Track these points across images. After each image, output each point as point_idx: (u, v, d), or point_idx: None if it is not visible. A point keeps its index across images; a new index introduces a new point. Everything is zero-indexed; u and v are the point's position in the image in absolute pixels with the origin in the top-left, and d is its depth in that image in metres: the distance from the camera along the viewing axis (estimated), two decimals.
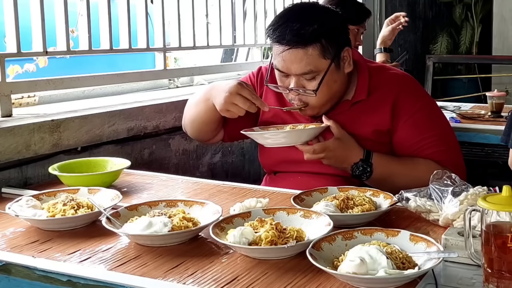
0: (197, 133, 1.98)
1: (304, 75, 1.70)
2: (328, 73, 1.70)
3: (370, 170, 1.71)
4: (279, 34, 1.70)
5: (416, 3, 5.64)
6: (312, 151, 1.69)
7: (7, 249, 1.27)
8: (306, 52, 1.68)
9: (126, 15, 2.38)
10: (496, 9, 5.64)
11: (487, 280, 1.01)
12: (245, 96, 1.71)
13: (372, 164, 1.71)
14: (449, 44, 5.96)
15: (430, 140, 1.76)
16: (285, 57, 1.70)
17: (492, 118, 2.80)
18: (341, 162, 1.72)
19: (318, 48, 1.68)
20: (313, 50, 1.68)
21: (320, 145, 1.69)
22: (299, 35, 1.67)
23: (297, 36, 1.67)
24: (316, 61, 1.69)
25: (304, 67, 1.69)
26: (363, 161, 1.71)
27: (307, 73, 1.70)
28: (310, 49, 1.68)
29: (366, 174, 1.71)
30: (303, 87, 1.72)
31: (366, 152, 1.72)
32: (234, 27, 3.20)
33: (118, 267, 1.17)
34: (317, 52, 1.68)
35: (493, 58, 5.47)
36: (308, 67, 1.69)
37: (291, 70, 1.71)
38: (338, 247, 1.16)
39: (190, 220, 1.31)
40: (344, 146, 1.70)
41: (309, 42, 1.67)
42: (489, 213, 1.00)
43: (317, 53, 1.68)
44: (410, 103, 1.79)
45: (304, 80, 1.71)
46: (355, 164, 1.71)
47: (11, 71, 2.26)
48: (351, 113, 1.80)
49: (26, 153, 1.80)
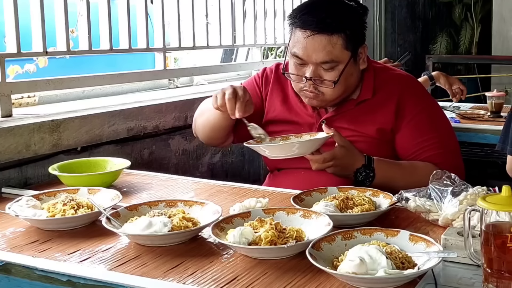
0: (208, 139, 1.99)
1: (324, 64, 1.71)
2: (348, 65, 1.72)
3: (373, 175, 1.71)
4: (305, 20, 1.71)
5: (416, 3, 5.64)
6: (322, 160, 1.66)
7: (7, 249, 1.27)
8: (330, 40, 1.69)
9: (126, 15, 2.38)
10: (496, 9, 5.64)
11: (487, 280, 1.01)
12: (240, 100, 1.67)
13: (374, 169, 1.71)
14: (448, 44, 5.96)
15: (430, 143, 1.78)
16: (308, 44, 1.71)
17: (491, 118, 2.81)
18: (346, 169, 1.71)
19: (342, 38, 1.70)
20: (337, 39, 1.70)
21: (329, 154, 1.66)
22: (325, 22, 1.69)
23: (323, 23, 1.69)
24: (338, 51, 1.70)
25: (325, 56, 1.70)
26: (365, 167, 1.71)
27: (327, 62, 1.71)
28: (334, 38, 1.70)
29: (369, 179, 1.71)
30: (320, 76, 1.72)
31: (368, 158, 1.72)
32: (234, 27, 3.20)
33: (118, 267, 1.17)
34: (341, 42, 1.70)
35: (493, 58, 5.47)
36: (329, 56, 1.70)
37: (312, 58, 1.71)
38: (338, 247, 1.16)
39: (190, 220, 1.32)
40: (349, 153, 1.70)
41: (335, 30, 1.69)
42: (488, 213, 1.00)
43: (341, 43, 1.70)
44: (413, 104, 1.80)
45: (322, 70, 1.72)
46: (358, 170, 1.71)
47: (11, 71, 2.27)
48: (356, 112, 1.81)
49: (26, 153, 1.80)
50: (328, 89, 1.73)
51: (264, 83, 1.96)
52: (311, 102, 1.79)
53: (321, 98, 1.76)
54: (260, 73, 1.99)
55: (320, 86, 1.74)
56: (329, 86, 1.72)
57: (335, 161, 1.67)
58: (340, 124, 1.81)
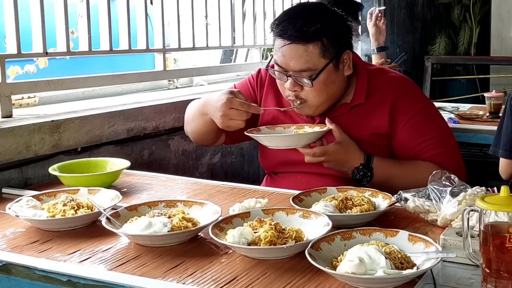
0: (199, 141, 2.03)
1: (302, 72, 1.71)
2: (325, 72, 1.71)
3: (370, 174, 1.71)
4: (282, 29, 1.71)
5: (415, 4, 5.65)
6: (312, 154, 1.70)
7: (8, 249, 1.28)
8: (307, 49, 1.69)
9: (125, 16, 2.39)
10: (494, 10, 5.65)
11: (485, 280, 1.01)
12: (238, 108, 1.71)
13: (372, 169, 1.71)
14: (447, 45, 5.97)
15: (430, 142, 1.77)
16: (285, 52, 1.71)
17: (490, 118, 2.81)
18: (342, 165, 1.73)
19: (318, 47, 1.69)
20: (313, 48, 1.69)
21: (320, 149, 1.70)
22: (301, 31, 1.68)
23: (299, 32, 1.69)
24: (315, 59, 1.70)
25: (302, 64, 1.70)
26: (363, 166, 1.71)
27: (305, 71, 1.70)
28: (310, 47, 1.69)
29: (366, 178, 1.72)
30: (300, 85, 1.72)
31: (367, 156, 1.72)
32: (233, 28, 3.21)
33: (118, 267, 1.17)
34: (317, 50, 1.69)
35: (491, 59, 5.48)
36: (306, 64, 1.70)
37: (290, 66, 1.71)
38: (337, 247, 1.16)
39: (190, 220, 1.32)
40: (344, 150, 1.71)
41: (310, 39, 1.68)
42: (487, 213, 1.00)
43: (317, 52, 1.69)
44: (409, 106, 1.79)
45: (301, 77, 1.72)
46: (356, 169, 1.72)
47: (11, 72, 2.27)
48: (350, 116, 1.80)
49: (27, 153, 1.81)
50: (309, 96, 1.73)
51: (259, 85, 1.95)
52: (300, 110, 1.80)
53: (306, 104, 1.76)
54: (254, 75, 1.98)
55: (301, 93, 1.74)
56: (308, 93, 1.73)
57: (326, 156, 1.70)
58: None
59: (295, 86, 1.73)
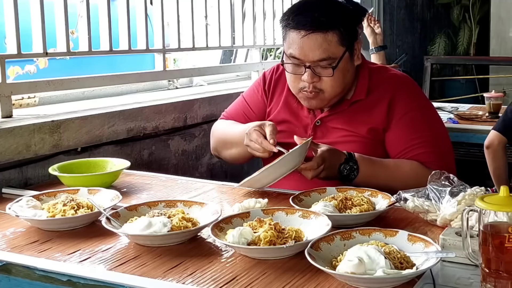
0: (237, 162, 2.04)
1: (321, 62, 1.71)
2: (343, 60, 1.73)
3: (356, 167, 1.68)
4: (299, 21, 1.72)
5: (414, 5, 5.65)
6: (316, 166, 1.63)
7: (8, 249, 1.28)
8: (326, 37, 1.70)
9: (125, 17, 2.39)
10: (494, 11, 5.66)
11: (485, 280, 1.02)
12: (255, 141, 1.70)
13: (357, 162, 1.70)
14: (447, 45, 5.97)
15: (420, 141, 1.76)
16: (303, 43, 1.71)
17: (489, 119, 2.82)
18: (333, 168, 1.69)
19: (337, 35, 1.71)
20: (332, 36, 1.71)
21: (319, 157, 1.65)
22: (319, 21, 1.70)
23: (317, 22, 1.70)
24: (334, 47, 1.71)
25: (322, 53, 1.70)
26: (347, 159, 1.69)
27: (325, 59, 1.71)
28: (329, 35, 1.71)
29: (353, 172, 1.68)
30: (318, 76, 1.73)
31: (348, 153, 1.71)
32: (233, 28, 3.21)
33: (118, 267, 1.18)
34: (336, 38, 1.71)
35: (491, 59, 5.48)
36: (326, 53, 1.71)
37: (309, 57, 1.72)
38: (337, 247, 1.17)
39: (190, 220, 1.32)
40: (333, 153, 1.68)
41: (329, 27, 1.70)
42: (486, 213, 1.00)
43: (336, 40, 1.71)
44: (405, 103, 1.80)
45: (319, 68, 1.73)
46: (343, 164, 1.68)
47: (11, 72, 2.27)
48: (349, 112, 1.81)
49: (27, 153, 1.81)
50: (328, 85, 1.74)
51: (267, 89, 1.97)
52: (310, 103, 1.79)
53: (321, 97, 1.76)
54: (261, 80, 2.00)
55: (319, 84, 1.74)
56: (327, 82, 1.73)
57: (325, 163, 1.65)
58: (334, 125, 1.82)
59: (314, 77, 1.73)
